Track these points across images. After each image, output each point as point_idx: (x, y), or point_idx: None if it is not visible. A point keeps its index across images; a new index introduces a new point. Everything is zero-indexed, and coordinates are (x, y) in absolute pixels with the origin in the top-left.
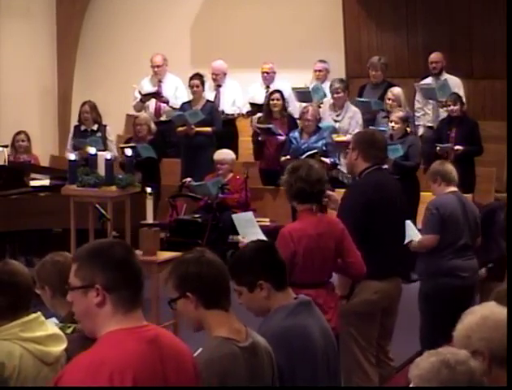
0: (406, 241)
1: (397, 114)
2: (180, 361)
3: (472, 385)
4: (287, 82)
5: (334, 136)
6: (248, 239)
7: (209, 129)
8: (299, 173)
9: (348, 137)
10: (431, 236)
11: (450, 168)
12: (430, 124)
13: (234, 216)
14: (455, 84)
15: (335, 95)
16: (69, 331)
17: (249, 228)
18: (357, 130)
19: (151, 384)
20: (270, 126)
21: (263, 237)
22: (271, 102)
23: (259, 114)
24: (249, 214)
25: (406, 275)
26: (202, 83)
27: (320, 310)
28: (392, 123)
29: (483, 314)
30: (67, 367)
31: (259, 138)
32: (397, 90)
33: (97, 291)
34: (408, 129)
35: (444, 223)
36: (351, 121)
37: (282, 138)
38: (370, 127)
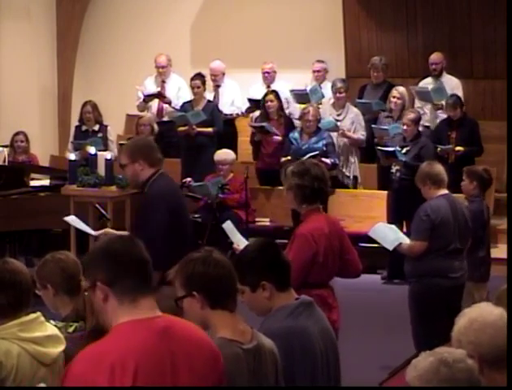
0: (396, 244)
1: (409, 116)
2: (194, 353)
3: (472, 383)
4: (287, 82)
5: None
6: (241, 246)
7: (210, 129)
8: (313, 173)
9: (358, 135)
10: (419, 243)
11: (439, 170)
12: (427, 124)
13: (224, 226)
14: (454, 84)
15: (337, 95)
16: (71, 329)
17: (236, 236)
18: (361, 132)
19: (157, 377)
20: (264, 124)
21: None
22: (266, 104)
23: (258, 112)
24: (228, 223)
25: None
26: (203, 83)
27: (329, 310)
28: (405, 126)
29: (471, 316)
30: (73, 359)
31: (255, 138)
32: (401, 89)
33: (99, 288)
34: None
35: (434, 228)
36: (355, 123)
37: (277, 138)
38: (373, 126)
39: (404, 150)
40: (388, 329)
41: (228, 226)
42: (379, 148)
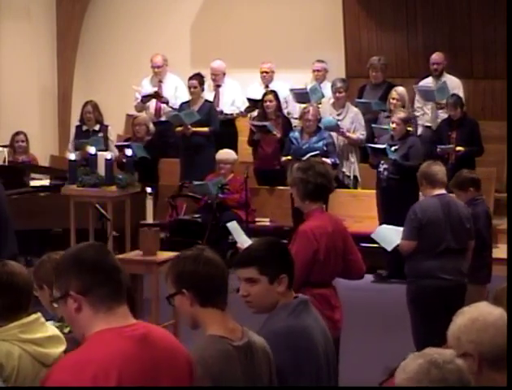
0: (395, 245)
1: (398, 115)
2: (172, 360)
3: (462, 383)
4: (286, 82)
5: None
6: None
7: (206, 129)
8: (317, 169)
9: (357, 135)
10: (407, 242)
11: (436, 170)
12: (428, 124)
13: (229, 225)
14: (455, 84)
15: (337, 95)
16: (66, 330)
17: (241, 236)
18: (360, 131)
19: (139, 384)
20: (266, 123)
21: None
22: (265, 104)
23: (257, 112)
24: (233, 222)
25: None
26: (201, 83)
27: (331, 310)
28: (394, 125)
29: (472, 315)
30: (53, 368)
31: (254, 137)
32: (400, 89)
33: (72, 297)
34: (410, 128)
35: (422, 228)
36: (354, 122)
37: (277, 137)
38: (373, 125)
39: (392, 149)
40: (388, 329)
41: (233, 225)
42: (370, 145)
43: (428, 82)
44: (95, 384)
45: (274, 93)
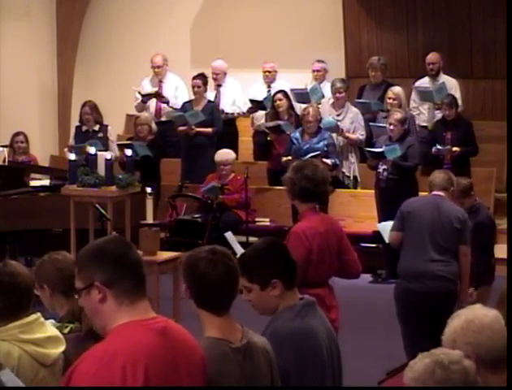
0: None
1: (395, 116)
2: (189, 353)
3: (467, 384)
4: (287, 82)
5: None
6: None
7: (209, 130)
8: (305, 172)
9: (357, 135)
10: (392, 233)
11: (432, 177)
12: (424, 124)
13: (227, 235)
14: (452, 85)
15: (337, 95)
16: (66, 330)
17: (237, 245)
18: (360, 131)
19: (163, 376)
20: (280, 122)
21: None
22: (275, 103)
23: (261, 112)
24: (229, 233)
25: None
26: (204, 83)
27: (327, 310)
28: (391, 126)
29: (468, 318)
30: (81, 358)
31: (268, 138)
32: (397, 89)
33: (97, 288)
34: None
35: (404, 219)
36: (354, 123)
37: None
38: (371, 124)
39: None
40: (387, 329)
41: (230, 236)
42: (367, 149)
43: (424, 82)
44: (124, 374)
45: (283, 91)
